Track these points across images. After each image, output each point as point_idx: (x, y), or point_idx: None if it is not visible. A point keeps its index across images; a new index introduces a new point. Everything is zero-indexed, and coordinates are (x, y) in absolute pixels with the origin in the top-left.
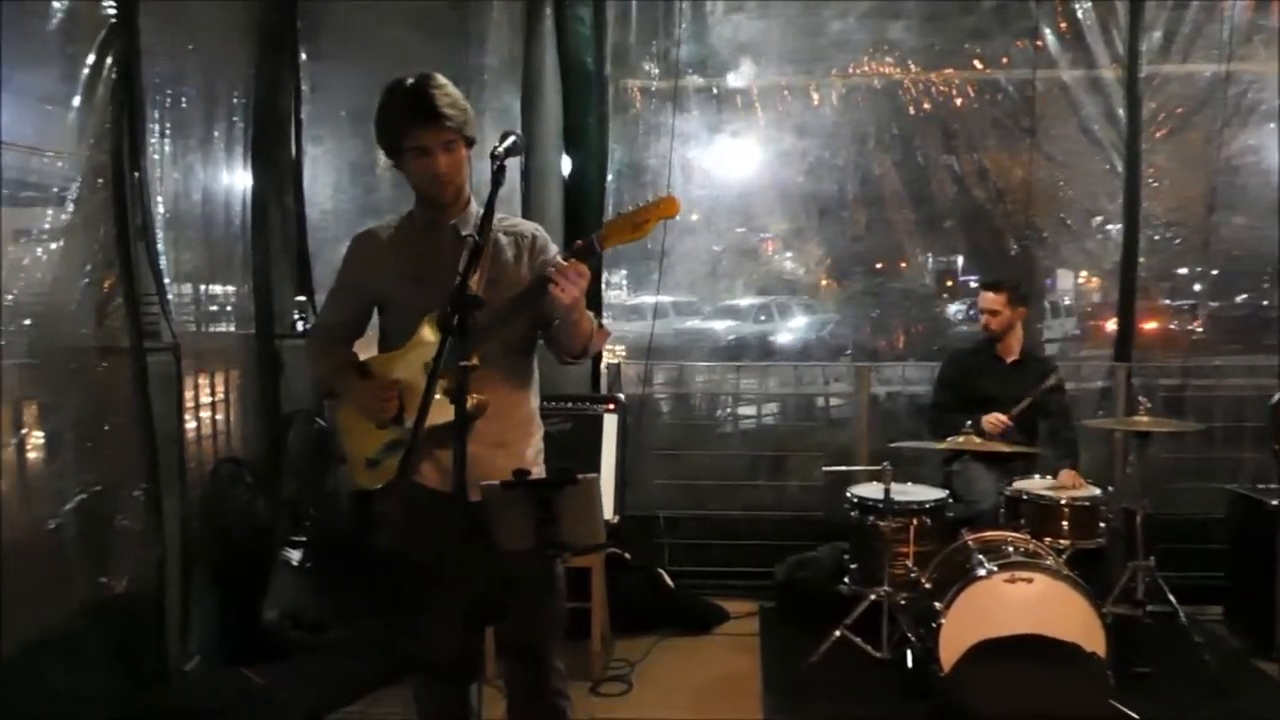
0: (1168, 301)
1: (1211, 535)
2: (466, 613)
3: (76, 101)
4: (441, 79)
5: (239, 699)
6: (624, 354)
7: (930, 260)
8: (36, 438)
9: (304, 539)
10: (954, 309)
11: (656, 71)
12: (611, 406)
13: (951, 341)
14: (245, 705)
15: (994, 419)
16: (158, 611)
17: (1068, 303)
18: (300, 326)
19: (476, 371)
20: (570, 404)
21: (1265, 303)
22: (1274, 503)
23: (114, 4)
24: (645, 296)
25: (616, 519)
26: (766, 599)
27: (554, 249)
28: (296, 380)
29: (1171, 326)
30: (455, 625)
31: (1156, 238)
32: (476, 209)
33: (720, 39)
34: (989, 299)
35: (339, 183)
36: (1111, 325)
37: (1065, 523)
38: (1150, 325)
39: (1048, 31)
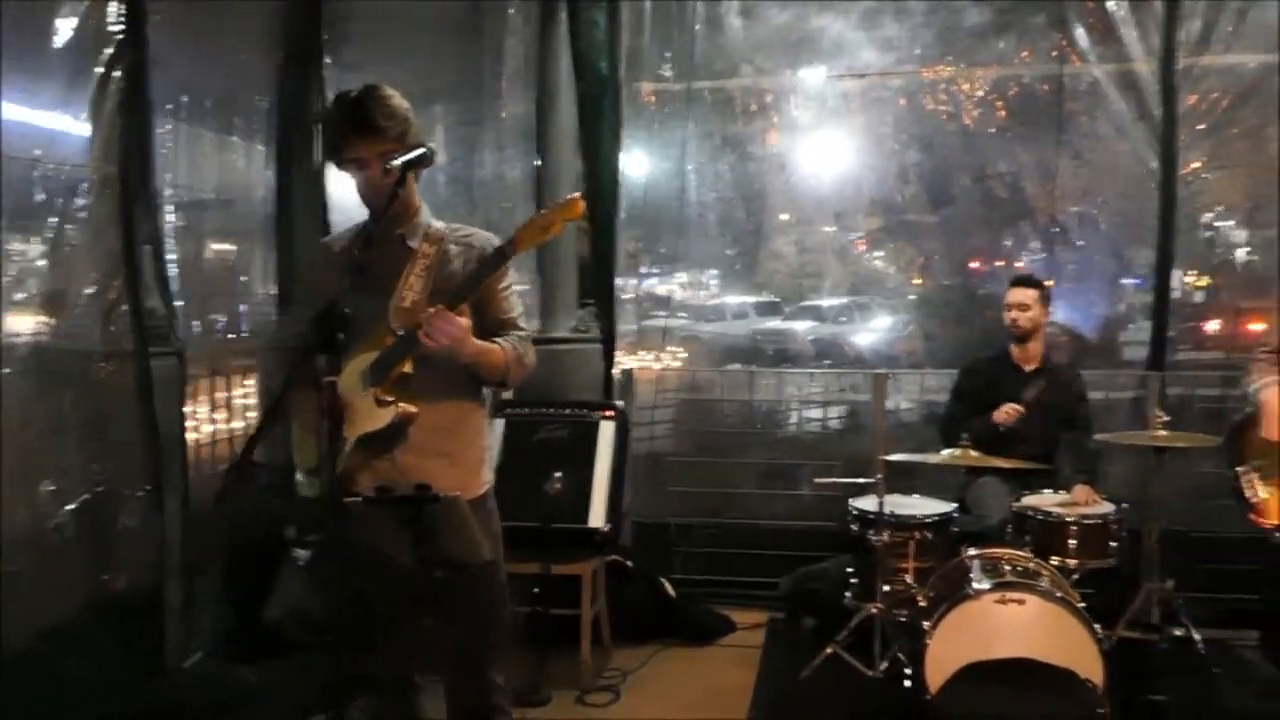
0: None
1: (1250, 553)
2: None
3: (84, 115)
4: (386, 90)
5: (230, 696)
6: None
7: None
8: (40, 440)
9: (315, 540)
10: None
11: (670, 74)
12: (609, 414)
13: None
14: (234, 702)
15: (1007, 408)
16: (156, 608)
17: None
18: None
19: (409, 380)
20: (568, 410)
21: None
22: None
23: (122, 19)
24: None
25: (609, 527)
26: (779, 610)
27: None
28: None
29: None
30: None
31: None
32: (426, 219)
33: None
34: (1020, 294)
35: None
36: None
37: (1073, 541)
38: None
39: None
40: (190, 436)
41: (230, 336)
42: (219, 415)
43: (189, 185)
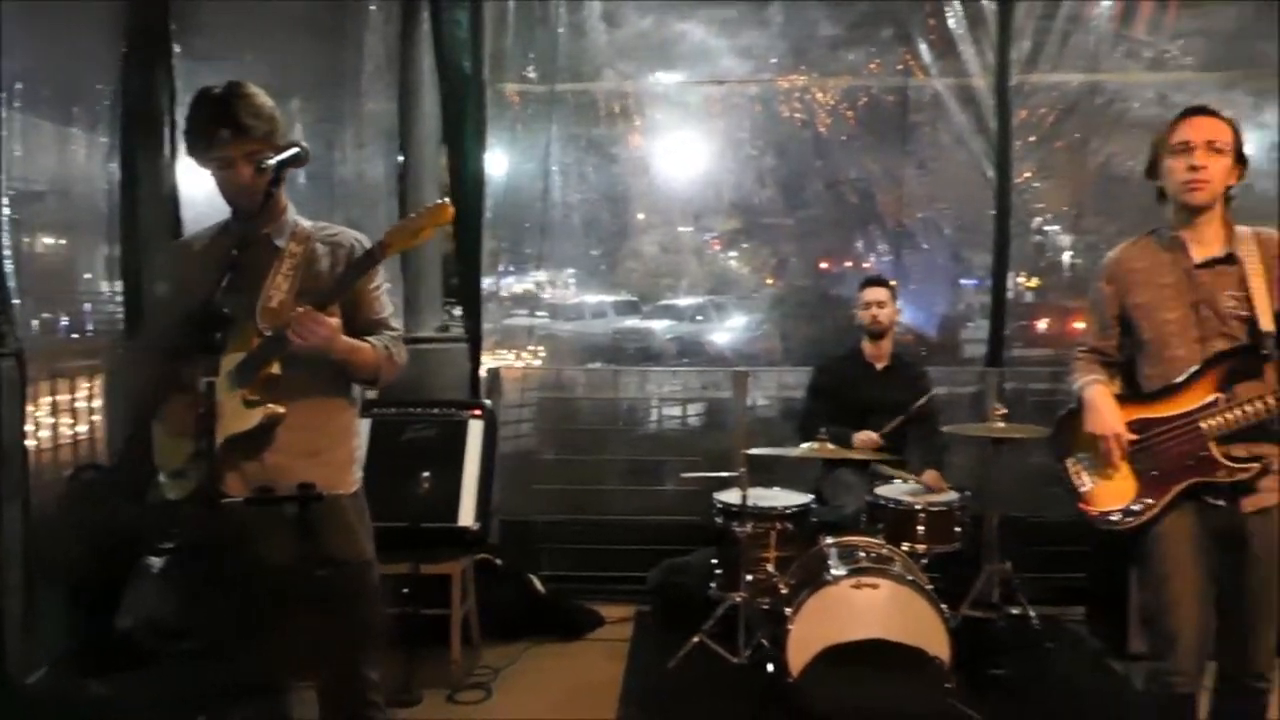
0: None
1: (1076, 537)
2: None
3: None
4: (251, 88)
5: (79, 711)
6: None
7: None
8: None
9: (171, 546)
10: None
11: (534, 76)
12: (478, 413)
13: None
14: (84, 717)
15: (865, 438)
16: None
17: None
18: None
19: (277, 380)
20: (436, 410)
21: None
22: None
23: None
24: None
25: (478, 526)
26: (647, 603)
27: None
28: None
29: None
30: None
31: None
32: (292, 218)
33: (596, 43)
34: (876, 293)
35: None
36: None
37: (921, 527)
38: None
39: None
40: (30, 442)
41: (73, 336)
42: (62, 419)
43: (24, 176)
